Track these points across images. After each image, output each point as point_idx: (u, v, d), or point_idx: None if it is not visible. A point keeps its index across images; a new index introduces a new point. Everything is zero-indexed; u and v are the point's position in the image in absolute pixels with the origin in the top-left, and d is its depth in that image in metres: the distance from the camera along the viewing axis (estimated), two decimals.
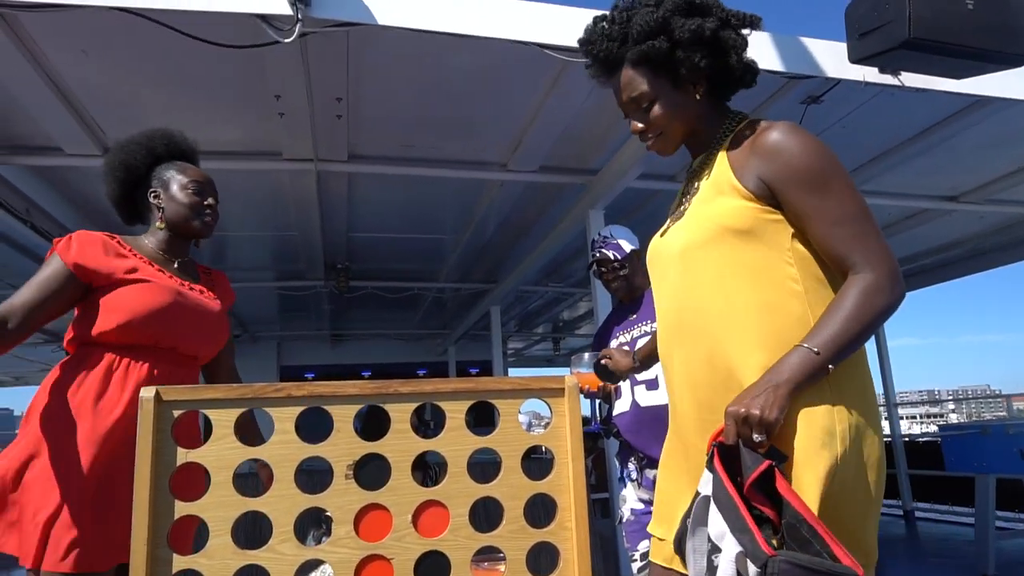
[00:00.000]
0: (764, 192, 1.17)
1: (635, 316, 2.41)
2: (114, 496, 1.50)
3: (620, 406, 2.36)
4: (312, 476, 1.34)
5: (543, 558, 1.30)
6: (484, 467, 1.40)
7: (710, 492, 1.02)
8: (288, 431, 1.22)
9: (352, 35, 2.59)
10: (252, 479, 1.59)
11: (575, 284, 7.35)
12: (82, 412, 1.51)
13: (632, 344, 2.35)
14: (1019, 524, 5.88)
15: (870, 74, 2.88)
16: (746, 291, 1.16)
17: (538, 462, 1.49)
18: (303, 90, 2.97)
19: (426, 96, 3.25)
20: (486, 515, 1.35)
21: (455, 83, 3.14)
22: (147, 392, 1.16)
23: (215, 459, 1.18)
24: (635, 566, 2.23)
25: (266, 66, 2.79)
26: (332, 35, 2.52)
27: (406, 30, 2.47)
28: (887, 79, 2.92)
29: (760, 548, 0.91)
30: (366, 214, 4.93)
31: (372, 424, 1.33)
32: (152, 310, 1.59)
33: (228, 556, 1.15)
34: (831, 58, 2.90)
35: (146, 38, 2.50)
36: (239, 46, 2.42)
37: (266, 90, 3.01)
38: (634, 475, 2.33)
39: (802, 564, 0.89)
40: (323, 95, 3.10)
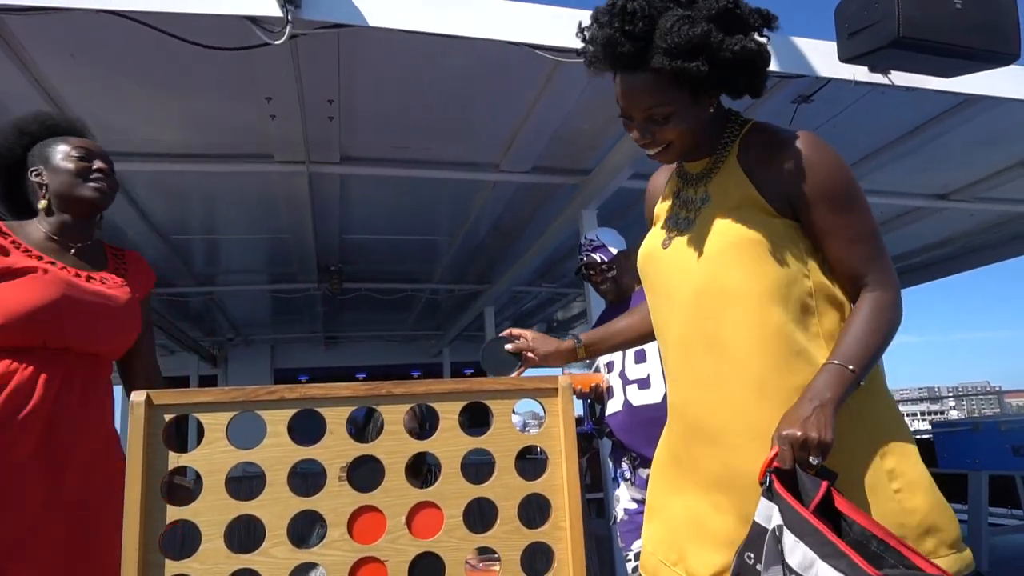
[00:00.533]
0: (788, 207, 1.15)
1: None
2: None
3: (612, 406, 2.36)
4: (307, 479, 1.33)
5: (538, 559, 1.30)
6: (478, 468, 1.39)
7: (780, 522, 0.97)
8: (281, 434, 1.22)
9: (343, 36, 2.58)
10: (245, 482, 1.58)
11: (569, 284, 7.34)
12: None
13: None
14: (1011, 520, 5.91)
15: (860, 73, 2.89)
16: (771, 307, 1.13)
17: (532, 462, 1.48)
18: (294, 92, 2.96)
19: (418, 97, 3.24)
20: (480, 516, 1.34)
21: (446, 84, 3.13)
22: (138, 396, 1.15)
23: (207, 463, 1.17)
24: (630, 566, 2.23)
25: (256, 68, 2.78)
26: (323, 37, 2.51)
27: (397, 31, 2.47)
28: (877, 78, 2.94)
29: (863, 570, 0.88)
30: (359, 216, 4.92)
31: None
32: (34, 307, 1.43)
33: (220, 560, 1.14)
34: (821, 57, 2.91)
35: (134, 41, 2.49)
36: (229, 48, 2.41)
37: (257, 92, 2.99)
38: (628, 475, 2.34)
39: None
40: (314, 97, 3.08)
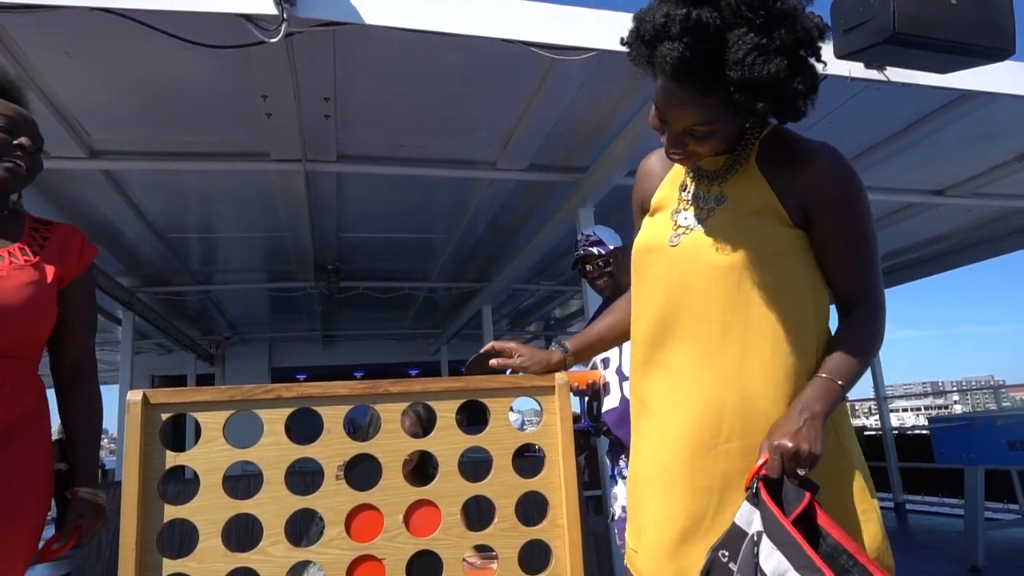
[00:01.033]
0: (802, 218, 1.15)
1: None
2: None
3: (609, 402, 2.36)
4: (305, 477, 1.33)
5: (536, 556, 1.30)
6: (476, 466, 1.40)
7: (759, 528, 0.99)
8: (278, 432, 1.22)
9: (338, 34, 2.58)
10: (243, 481, 1.58)
11: (566, 282, 7.35)
12: None
13: None
14: (1008, 515, 5.93)
15: (856, 69, 2.89)
16: (789, 319, 1.13)
17: (531, 460, 1.49)
18: (290, 90, 2.95)
19: (414, 95, 3.24)
20: (478, 514, 1.35)
21: (443, 82, 3.13)
22: (134, 395, 1.15)
23: (204, 462, 1.17)
24: None
25: (252, 66, 2.77)
26: (318, 34, 2.51)
27: (393, 29, 2.47)
28: (873, 74, 2.94)
29: None
30: (356, 214, 4.91)
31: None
32: None
33: (218, 559, 1.14)
34: None
35: (130, 39, 2.48)
36: (224, 46, 2.40)
37: (253, 91, 2.99)
38: (625, 472, 2.34)
39: None
40: (310, 95, 3.08)
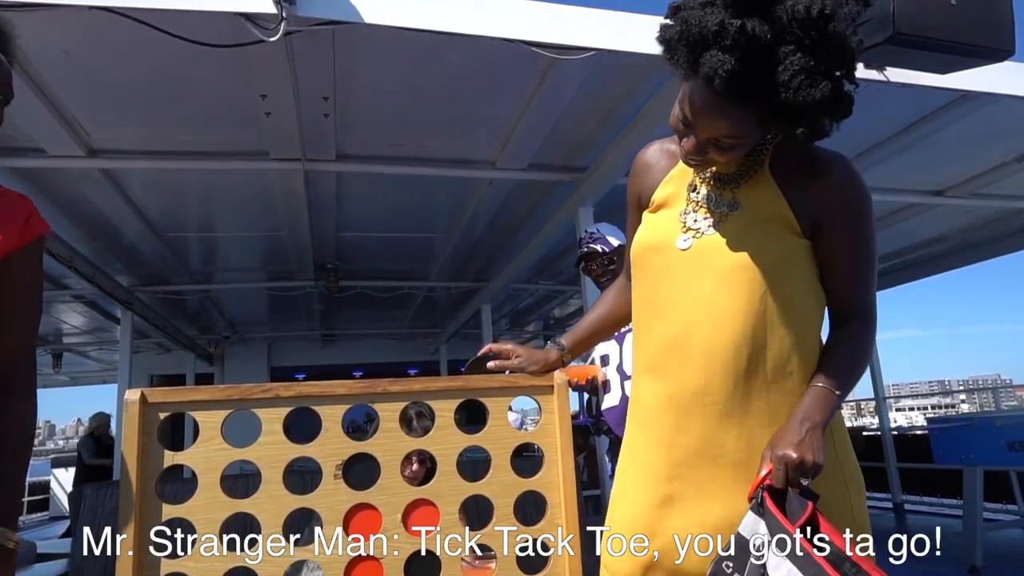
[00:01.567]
0: (810, 228, 1.15)
1: None
2: None
3: (609, 400, 2.36)
4: (303, 477, 1.33)
5: (535, 556, 1.30)
6: (475, 465, 1.39)
7: (766, 539, 1.01)
8: (276, 432, 1.22)
9: (338, 33, 2.58)
10: (241, 480, 1.58)
11: (566, 282, 7.35)
12: None
13: (620, 338, 2.35)
14: (1006, 516, 5.93)
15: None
16: (804, 329, 1.14)
17: (529, 460, 1.49)
18: (289, 89, 2.95)
19: (413, 94, 3.24)
20: (477, 513, 1.34)
21: (442, 81, 3.13)
22: (132, 395, 1.15)
23: (202, 461, 1.17)
24: None
25: (251, 65, 2.77)
26: (318, 34, 2.51)
27: (392, 28, 2.46)
28: (872, 74, 2.94)
29: None
30: (355, 213, 4.91)
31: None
32: None
33: (216, 558, 1.14)
34: None
35: (129, 38, 2.48)
36: (223, 45, 2.40)
37: (252, 90, 2.98)
38: None
39: None
40: (310, 94, 3.07)
